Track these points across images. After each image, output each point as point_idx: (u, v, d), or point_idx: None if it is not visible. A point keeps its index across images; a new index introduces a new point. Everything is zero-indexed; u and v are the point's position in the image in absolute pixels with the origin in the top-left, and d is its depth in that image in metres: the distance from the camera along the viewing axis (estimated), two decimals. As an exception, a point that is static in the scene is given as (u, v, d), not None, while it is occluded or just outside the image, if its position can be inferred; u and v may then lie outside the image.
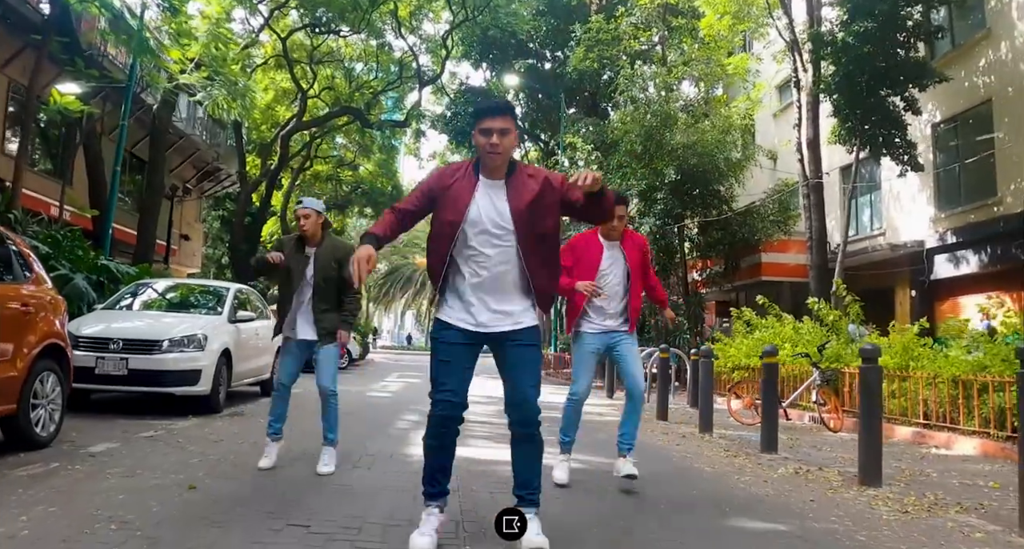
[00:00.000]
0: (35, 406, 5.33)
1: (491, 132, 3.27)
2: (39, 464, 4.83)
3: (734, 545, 3.74)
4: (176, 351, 8.09)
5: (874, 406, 5.52)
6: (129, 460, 5.13)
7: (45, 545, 3.14)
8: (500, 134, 3.27)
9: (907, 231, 17.59)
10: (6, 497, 3.88)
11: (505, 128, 3.28)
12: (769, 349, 7.64)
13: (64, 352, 5.76)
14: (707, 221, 20.15)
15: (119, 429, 6.62)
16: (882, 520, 4.41)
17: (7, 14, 15.47)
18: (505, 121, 3.29)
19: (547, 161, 30.31)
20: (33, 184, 16.62)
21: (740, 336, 14.52)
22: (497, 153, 3.29)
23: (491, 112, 3.31)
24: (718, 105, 21.89)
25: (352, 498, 4.32)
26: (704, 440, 8.20)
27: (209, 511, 3.84)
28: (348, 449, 5.78)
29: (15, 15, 15.42)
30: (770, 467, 6.28)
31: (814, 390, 10.43)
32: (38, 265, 5.93)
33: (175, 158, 24.52)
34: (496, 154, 3.29)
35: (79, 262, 10.79)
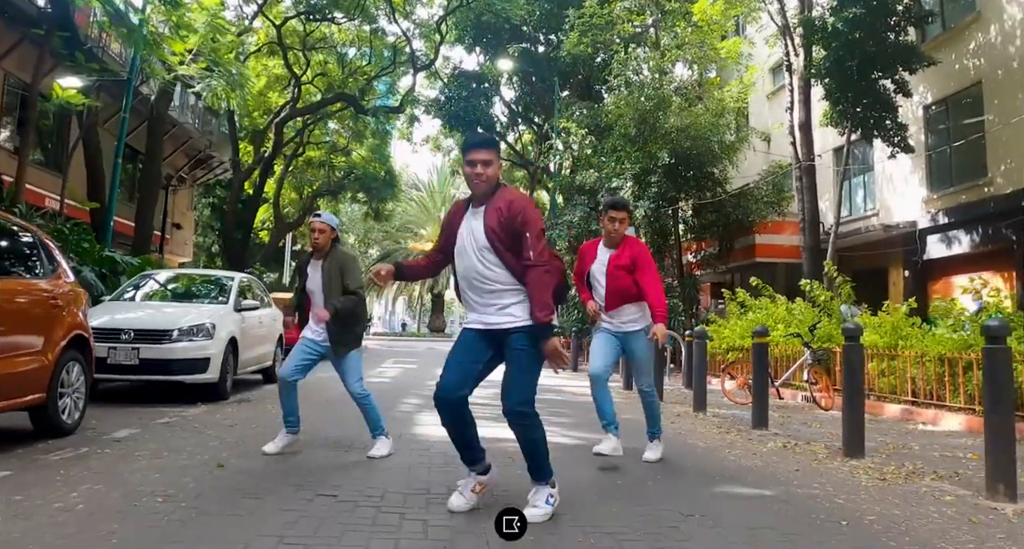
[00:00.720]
0: (62, 395, 5.61)
1: (475, 163, 3.66)
2: (69, 449, 5.11)
3: (721, 508, 4.05)
4: (186, 340, 8.34)
5: (856, 381, 5.83)
6: (153, 444, 5.42)
7: (103, 516, 3.45)
8: (483, 165, 3.65)
9: (900, 212, 17.83)
10: (51, 478, 4.17)
11: (487, 159, 3.67)
12: (760, 330, 7.93)
13: (87, 343, 6.03)
14: (701, 203, 20.37)
15: (135, 417, 6.90)
16: (861, 486, 4.73)
17: (3, 6, 15.54)
18: (487, 153, 3.68)
19: (541, 145, 30.49)
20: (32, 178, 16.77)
21: (734, 317, 14.75)
22: (481, 182, 3.66)
23: (472, 145, 3.72)
24: (711, 88, 22.06)
25: (371, 473, 4.64)
26: (698, 418, 8.52)
27: (242, 485, 4.16)
28: (357, 433, 6.06)
29: (11, 8, 15.48)
30: (760, 442, 6.61)
31: (806, 369, 10.71)
32: (61, 258, 6.18)
33: (168, 146, 24.32)
34: (480, 182, 3.66)
35: (86, 255, 11.01)
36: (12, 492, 3.81)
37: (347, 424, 6.53)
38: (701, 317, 20.04)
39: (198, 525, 3.37)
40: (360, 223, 50.70)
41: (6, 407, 4.99)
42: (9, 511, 3.46)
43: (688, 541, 3.37)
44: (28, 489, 3.88)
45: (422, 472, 4.68)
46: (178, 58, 14.83)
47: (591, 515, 3.77)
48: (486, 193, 3.70)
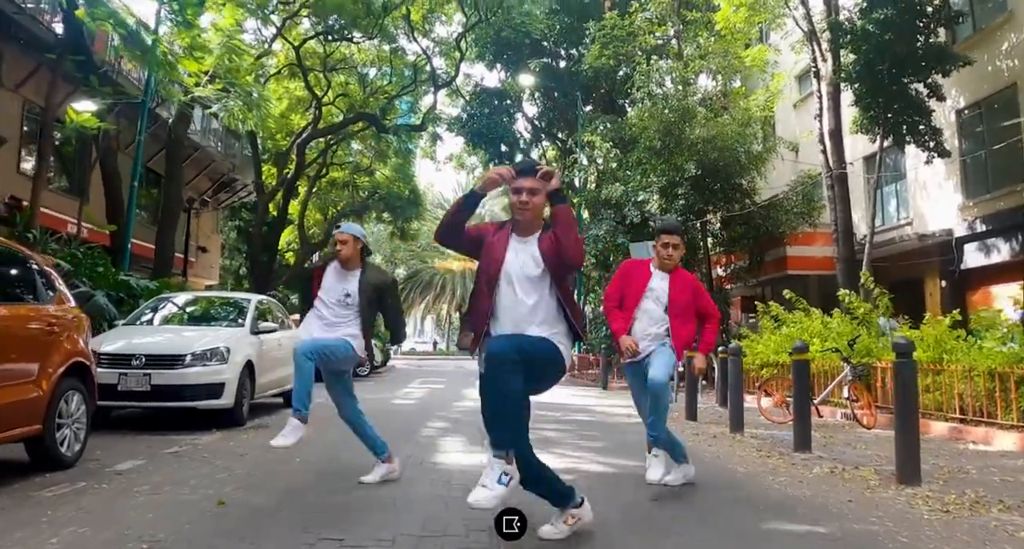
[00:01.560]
0: (60, 426, 5.31)
1: (521, 191, 3.57)
2: (66, 484, 4.81)
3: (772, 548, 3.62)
4: (199, 365, 8.08)
5: (910, 402, 5.37)
6: (156, 476, 5.10)
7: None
8: (530, 193, 3.56)
9: (935, 220, 17.27)
10: (36, 519, 3.85)
11: (534, 187, 3.56)
12: (799, 345, 7.49)
13: (88, 370, 5.74)
14: (730, 215, 19.93)
15: (143, 445, 6.61)
16: (923, 520, 4.29)
17: (20, 34, 15.58)
18: (534, 181, 3.55)
19: (565, 159, 30.22)
20: (49, 202, 16.68)
21: (768, 332, 14.31)
22: (526, 209, 3.59)
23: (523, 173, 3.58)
24: (737, 98, 21.67)
25: (384, 509, 4.27)
26: (736, 440, 8.07)
27: (241, 526, 3.81)
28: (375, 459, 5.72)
29: (28, 35, 15.52)
30: (805, 467, 6.15)
31: (846, 386, 10.23)
32: (61, 284, 5.92)
33: (190, 170, 24.55)
34: (525, 209, 3.59)
35: (99, 279, 10.82)
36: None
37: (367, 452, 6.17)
38: (732, 332, 19.56)
39: None
40: (386, 243, 50.69)
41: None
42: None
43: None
44: (11, 532, 3.57)
45: (439, 509, 4.29)
46: (194, 79, 14.71)
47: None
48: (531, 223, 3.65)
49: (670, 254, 5.07)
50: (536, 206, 3.56)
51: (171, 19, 14.32)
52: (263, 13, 24.89)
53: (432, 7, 28.67)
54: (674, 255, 5.09)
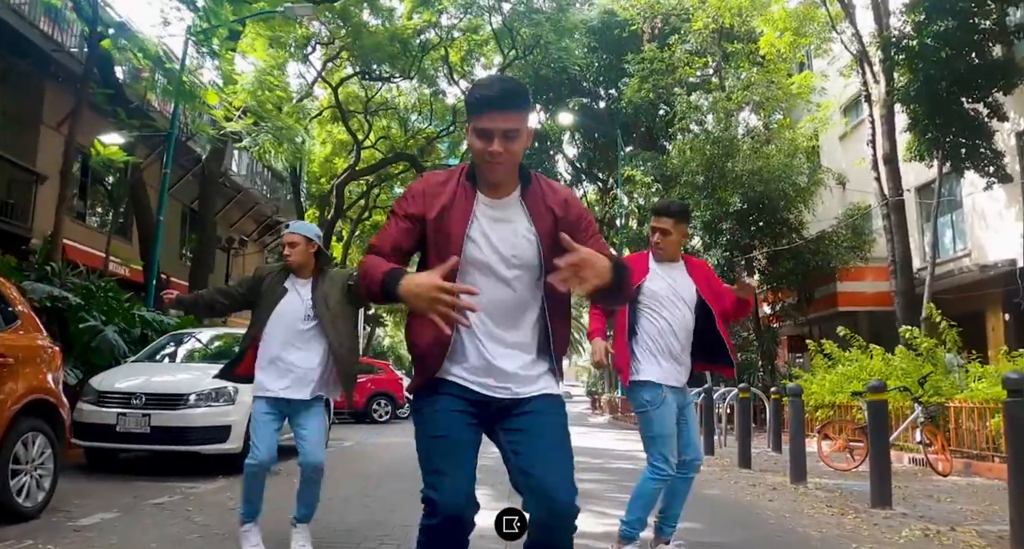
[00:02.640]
0: (16, 472, 4.62)
1: (491, 134, 2.22)
2: (10, 542, 4.09)
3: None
4: (204, 405, 7.43)
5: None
6: (116, 536, 4.35)
7: None
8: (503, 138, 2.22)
9: (996, 250, 16.18)
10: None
11: (513, 129, 2.23)
12: (875, 384, 6.54)
13: (56, 409, 5.06)
14: (776, 251, 19.02)
15: (131, 494, 5.90)
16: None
17: (59, 72, 15.56)
18: (515, 118, 2.24)
19: (605, 197, 29.69)
20: (89, 239, 16.60)
21: (821, 371, 13.36)
22: (498, 163, 2.26)
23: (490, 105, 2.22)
24: (782, 129, 20.88)
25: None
26: (799, 492, 7.09)
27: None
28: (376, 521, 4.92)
29: (66, 73, 15.48)
30: (890, 528, 5.15)
31: (917, 429, 9.25)
32: (29, 312, 5.27)
33: (235, 212, 24.80)
34: (497, 164, 2.26)
35: (113, 313, 10.31)
36: None
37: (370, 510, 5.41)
38: (780, 373, 18.53)
39: None
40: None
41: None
42: None
43: None
44: None
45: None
46: (223, 113, 14.43)
47: None
48: (505, 179, 2.33)
49: (656, 240, 4.06)
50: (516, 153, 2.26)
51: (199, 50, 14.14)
52: (302, 54, 24.99)
53: (471, 48, 28.61)
54: (662, 242, 4.05)
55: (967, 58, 12.93)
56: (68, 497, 5.36)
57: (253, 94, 15.53)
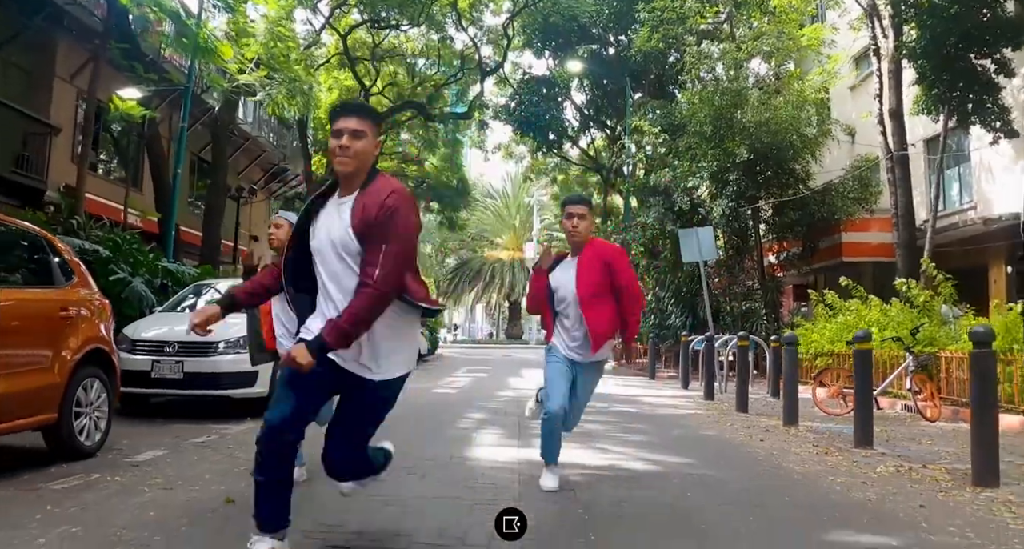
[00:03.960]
0: (79, 414, 5.12)
1: (340, 133, 2.91)
2: (79, 476, 4.59)
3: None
4: (232, 352, 7.87)
5: (988, 396, 4.86)
6: (171, 469, 4.87)
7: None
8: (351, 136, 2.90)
9: (1001, 204, 16.36)
10: (31, 516, 3.62)
11: (358, 129, 2.89)
12: (861, 334, 6.98)
13: (110, 357, 5.54)
14: (782, 201, 19.22)
15: (172, 434, 6.43)
16: (1008, 530, 3.81)
17: (72, 25, 15.71)
18: (359, 122, 2.89)
19: (613, 146, 29.75)
20: (105, 191, 16.91)
21: (822, 320, 13.75)
22: (346, 158, 2.88)
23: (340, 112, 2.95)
24: (791, 80, 20.88)
25: (401, 512, 3.94)
26: (790, 434, 7.58)
27: (242, 529, 3.48)
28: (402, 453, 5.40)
29: (79, 26, 15.65)
30: (868, 465, 5.66)
31: (908, 377, 9.68)
32: (83, 269, 5.71)
33: (242, 160, 24.84)
34: (344, 159, 2.88)
35: (139, 265, 10.74)
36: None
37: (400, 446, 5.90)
38: (785, 321, 18.93)
39: None
40: (436, 233, 50.75)
41: (9, 429, 4.50)
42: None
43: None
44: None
45: (462, 511, 3.92)
46: (237, 66, 14.62)
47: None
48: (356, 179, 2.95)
49: (575, 224, 4.52)
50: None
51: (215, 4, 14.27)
52: (311, 2, 24.89)
53: (480, -7, 28.37)
54: (580, 225, 4.53)
55: (978, 15, 12.97)
56: (116, 438, 5.84)
57: (266, 46, 15.65)
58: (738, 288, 20.53)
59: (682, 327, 18.46)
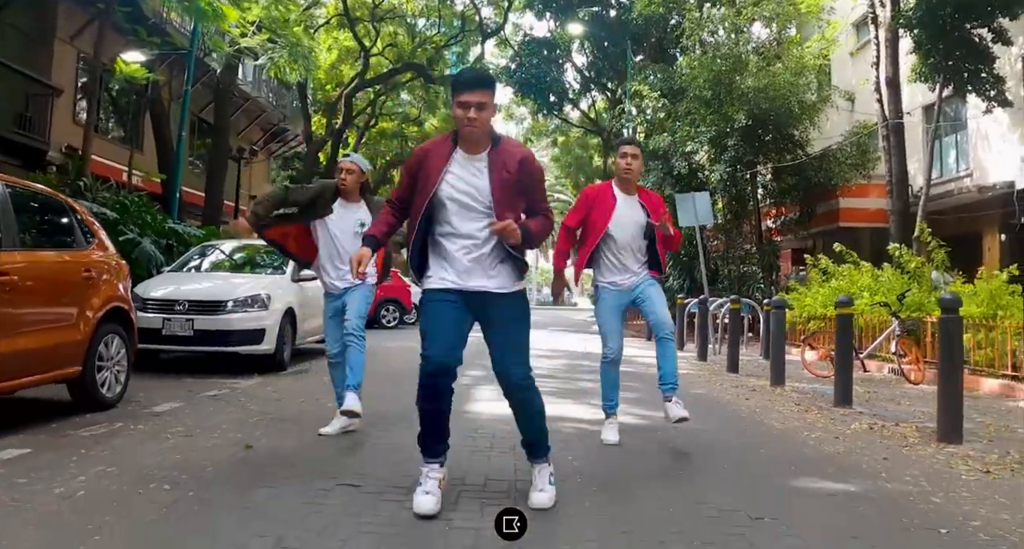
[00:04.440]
0: (100, 368, 5.45)
1: (468, 106, 3.24)
2: (103, 424, 4.93)
3: (798, 508, 3.54)
4: (240, 311, 8.20)
5: (954, 358, 5.18)
6: (190, 419, 5.21)
7: (99, 504, 3.20)
8: (478, 108, 3.24)
9: (996, 172, 16.54)
10: (68, 458, 3.97)
11: (483, 102, 3.26)
12: (844, 299, 7.28)
13: (128, 315, 5.86)
14: (781, 167, 19.41)
15: (185, 388, 6.76)
16: (960, 480, 4.15)
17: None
18: (483, 95, 3.26)
19: (613, 110, 29.75)
20: (106, 152, 17.06)
21: (816, 285, 14.03)
22: (473, 128, 3.27)
23: (468, 85, 3.28)
24: (791, 46, 20.91)
25: (407, 457, 4.26)
26: (775, 393, 7.93)
27: (262, 471, 3.87)
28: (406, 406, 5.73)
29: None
30: (843, 422, 6.01)
31: (893, 340, 9.99)
32: (101, 232, 6.01)
33: (242, 121, 24.87)
34: (472, 128, 3.27)
35: (147, 226, 11.01)
36: (21, 473, 3.61)
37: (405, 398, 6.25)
38: (781, 285, 19.22)
39: (194, 520, 3.09)
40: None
41: (39, 381, 4.84)
42: (7, 496, 3.25)
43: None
44: (39, 470, 3.68)
45: (460, 458, 4.27)
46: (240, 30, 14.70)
47: (641, 516, 3.32)
48: (480, 141, 3.34)
49: (628, 163, 4.84)
50: (484, 122, 3.28)
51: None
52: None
53: (481, -48, 28.17)
54: (633, 164, 4.86)
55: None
56: (133, 392, 6.15)
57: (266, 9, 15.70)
58: (736, 252, 20.79)
59: (679, 290, 18.77)
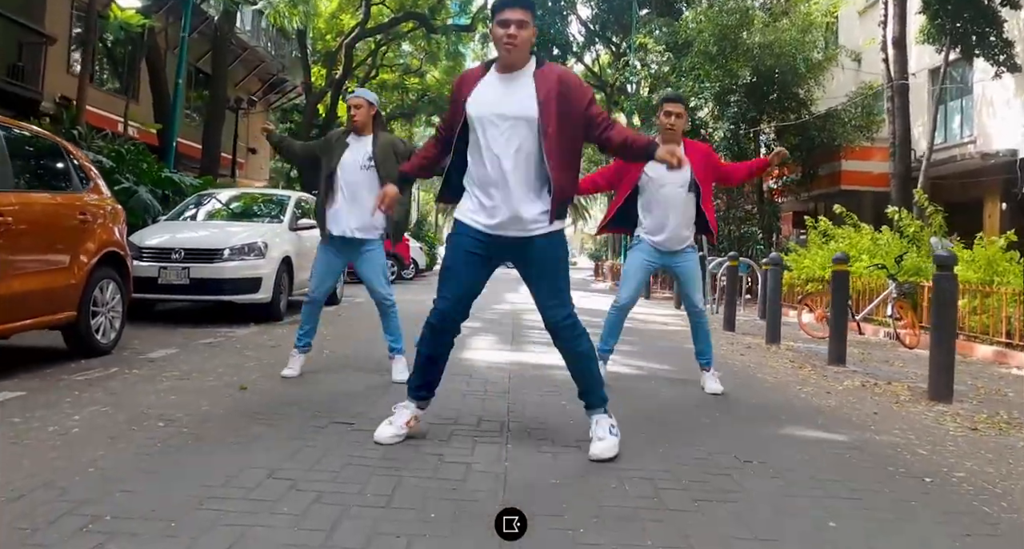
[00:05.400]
0: (95, 314, 5.44)
1: (508, 23, 3.20)
2: (98, 369, 4.95)
3: (784, 453, 3.57)
4: (237, 259, 8.18)
5: (948, 317, 5.19)
6: (186, 365, 5.23)
7: (93, 441, 3.23)
8: (518, 26, 3.20)
9: (1000, 139, 16.39)
10: (62, 399, 3.99)
11: (523, 20, 3.22)
12: (840, 256, 7.27)
13: (123, 261, 5.83)
14: (784, 125, 19.21)
15: (181, 336, 6.78)
16: (948, 435, 4.18)
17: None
18: (524, 13, 3.23)
19: (618, 63, 29.39)
20: (100, 102, 16.80)
21: (815, 247, 14.01)
22: (513, 45, 3.21)
23: (509, 3, 3.23)
24: (798, 2, 20.57)
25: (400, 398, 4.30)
26: (770, 351, 7.97)
27: (256, 410, 3.92)
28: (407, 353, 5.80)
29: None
30: (835, 379, 6.05)
31: (890, 303, 9.98)
32: (97, 175, 5.96)
33: (240, 71, 24.52)
34: (512, 46, 3.21)
35: (143, 175, 10.93)
36: (15, 414, 3.63)
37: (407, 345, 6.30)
38: (782, 246, 19.19)
39: (188, 453, 3.12)
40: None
41: (33, 325, 4.83)
42: (2, 434, 3.27)
43: (737, 493, 2.92)
44: (34, 411, 3.70)
45: (455, 400, 4.37)
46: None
47: (630, 456, 3.35)
48: (519, 60, 3.28)
49: (672, 122, 4.76)
50: (524, 42, 3.22)
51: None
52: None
53: None
54: (677, 124, 4.77)
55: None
56: (128, 339, 6.16)
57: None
58: (737, 212, 20.71)
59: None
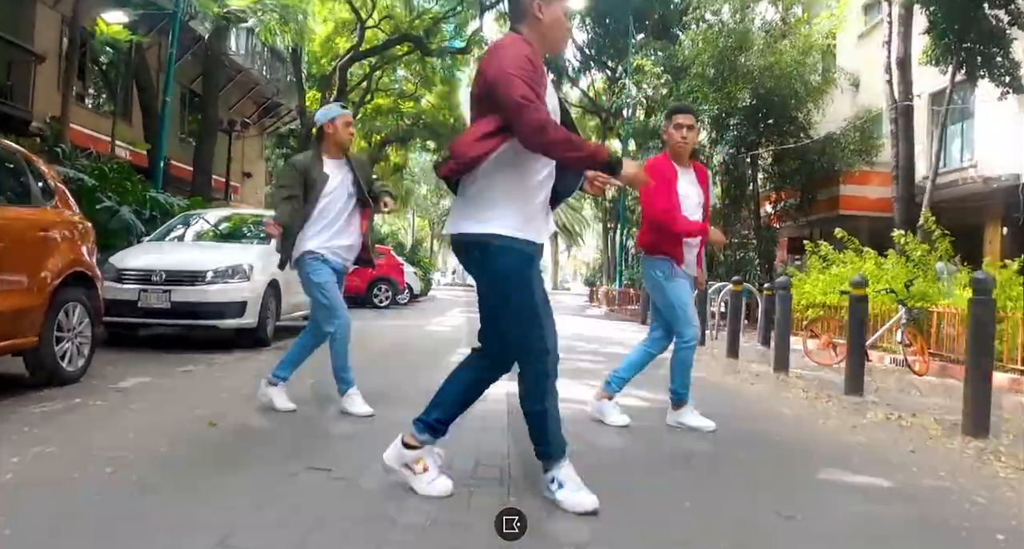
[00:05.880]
0: (60, 339, 5.01)
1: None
2: (60, 400, 4.52)
3: (828, 505, 3.16)
4: (221, 282, 7.79)
5: (985, 345, 4.79)
6: (156, 395, 4.82)
7: (26, 491, 2.80)
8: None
9: (1002, 164, 16.18)
10: (8, 436, 3.55)
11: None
12: (858, 279, 6.90)
13: (92, 282, 5.41)
14: (782, 149, 18.99)
15: (158, 363, 6.37)
16: (999, 478, 3.77)
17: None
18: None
19: (613, 87, 29.27)
20: (93, 122, 16.51)
21: (815, 272, 13.69)
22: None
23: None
24: (798, 24, 20.45)
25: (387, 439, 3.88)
26: (780, 380, 7.57)
27: (222, 452, 3.48)
28: (395, 382, 5.44)
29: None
30: (857, 412, 5.64)
31: (899, 330, 9.64)
32: (64, 190, 5.54)
33: (235, 93, 24.30)
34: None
35: (127, 194, 10.58)
36: (-51, 453, 3.19)
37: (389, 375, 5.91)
38: (776, 273, 18.90)
39: (128, 509, 2.65)
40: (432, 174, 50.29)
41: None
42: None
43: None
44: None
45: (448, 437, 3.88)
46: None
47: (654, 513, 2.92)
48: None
49: (684, 136, 4.42)
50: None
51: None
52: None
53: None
54: (689, 137, 4.46)
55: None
56: (101, 366, 5.75)
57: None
58: (733, 237, 20.42)
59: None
